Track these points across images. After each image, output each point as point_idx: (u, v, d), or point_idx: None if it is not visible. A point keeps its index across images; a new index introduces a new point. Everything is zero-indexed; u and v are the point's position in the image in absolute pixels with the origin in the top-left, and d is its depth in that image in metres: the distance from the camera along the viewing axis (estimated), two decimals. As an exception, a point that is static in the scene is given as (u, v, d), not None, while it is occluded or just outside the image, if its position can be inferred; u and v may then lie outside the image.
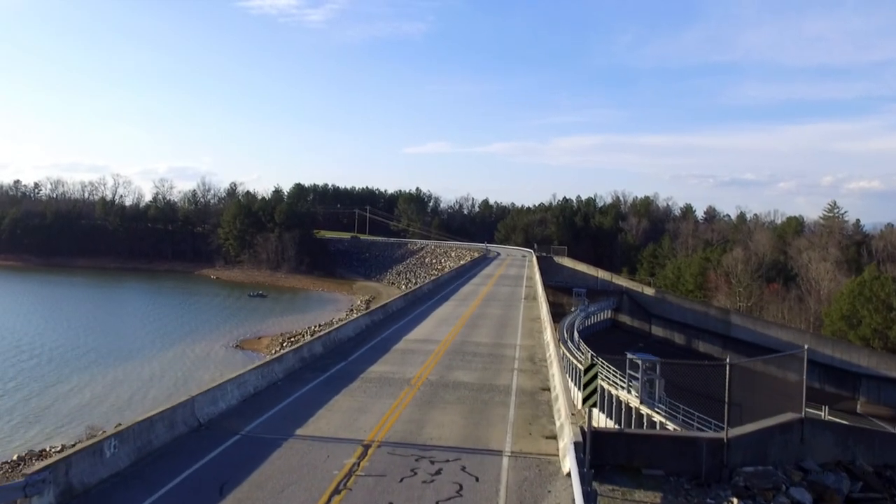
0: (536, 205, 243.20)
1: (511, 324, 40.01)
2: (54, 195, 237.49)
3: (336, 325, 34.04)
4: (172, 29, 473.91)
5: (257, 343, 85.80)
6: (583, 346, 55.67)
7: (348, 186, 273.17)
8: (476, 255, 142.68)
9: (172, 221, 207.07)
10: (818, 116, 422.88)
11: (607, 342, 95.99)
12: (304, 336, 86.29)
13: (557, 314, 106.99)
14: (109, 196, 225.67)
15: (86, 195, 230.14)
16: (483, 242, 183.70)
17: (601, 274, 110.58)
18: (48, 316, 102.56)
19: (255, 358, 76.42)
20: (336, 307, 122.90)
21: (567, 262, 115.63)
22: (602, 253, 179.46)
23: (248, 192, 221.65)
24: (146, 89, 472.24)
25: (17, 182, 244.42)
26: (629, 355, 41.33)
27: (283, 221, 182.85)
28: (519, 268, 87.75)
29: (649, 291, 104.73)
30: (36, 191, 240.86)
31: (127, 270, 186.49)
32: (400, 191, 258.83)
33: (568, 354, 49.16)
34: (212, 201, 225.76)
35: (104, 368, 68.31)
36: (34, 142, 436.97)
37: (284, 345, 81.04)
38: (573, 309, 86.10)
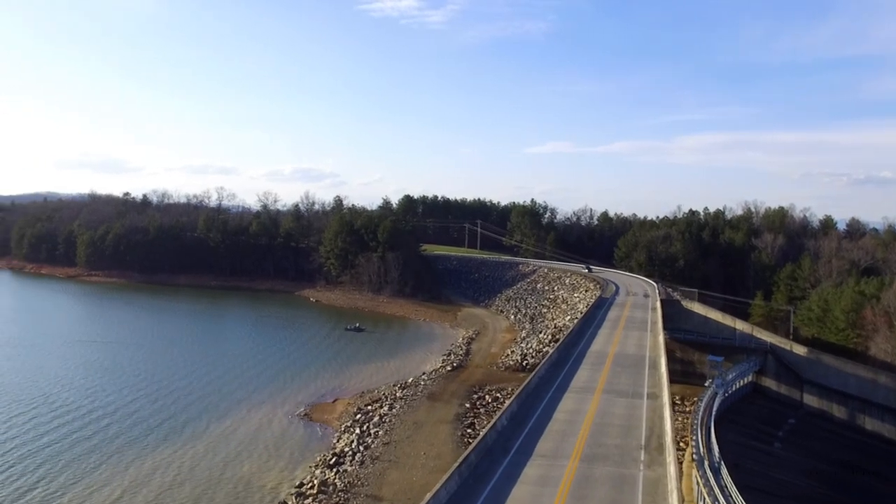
0: (660, 217, 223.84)
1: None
2: (163, 203, 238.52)
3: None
4: (298, 34, 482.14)
5: (330, 410, 74.33)
6: (724, 473, 40.02)
7: (459, 198, 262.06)
8: (591, 288, 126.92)
9: (275, 237, 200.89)
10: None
11: (748, 416, 78.76)
12: (382, 400, 74.18)
13: (686, 373, 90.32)
14: (213, 209, 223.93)
15: (192, 205, 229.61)
16: (599, 266, 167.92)
17: (740, 325, 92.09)
18: (120, 361, 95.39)
19: (315, 437, 65.06)
20: (432, 348, 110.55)
21: (698, 307, 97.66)
22: (733, 273, 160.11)
23: (352, 207, 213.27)
24: (274, 93, 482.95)
25: (126, 194, 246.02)
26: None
27: (386, 240, 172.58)
28: (640, 330, 71.78)
29: (800, 350, 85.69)
30: (145, 203, 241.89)
31: (227, 289, 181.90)
32: (514, 203, 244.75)
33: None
34: (319, 211, 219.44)
35: (131, 454, 59.04)
36: (168, 145, 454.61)
37: (357, 417, 69.16)
38: (707, 382, 69.51)
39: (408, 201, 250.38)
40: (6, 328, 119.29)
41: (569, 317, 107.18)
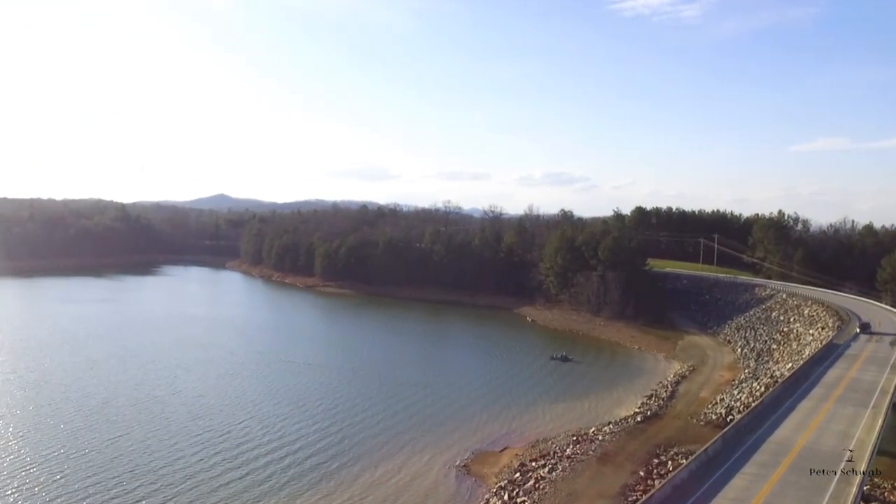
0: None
1: None
2: (399, 209, 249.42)
3: None
4: (550, 38, 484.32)
5: (493, 461, 70.14)
6: None
7: (696, 210, 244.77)
8: (830, 325, 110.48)
9: (497, 251, 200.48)
10: None
11: None
12: (549, 456, 68.47)
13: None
14: (440, 221, 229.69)
15: (422, 216, 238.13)
16: (854, 292, 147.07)
17: None
18: (317, 387, 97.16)
19: (463, 496, 61.10)
20: (636, 386, 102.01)
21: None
22: None
23: (576, 222, 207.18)
24: (525, 98, 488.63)
25: (363, 207, 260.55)
26: None
27: (606, 258, 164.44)
28: (859, 405, 55.25)
29: None
30: (379, 215, 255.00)
31: (449, 303, 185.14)
32: (757, 214, 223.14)
33: None
34: (544, 224, 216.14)
35: (297, 495, 59.02)
36: (426, 153, 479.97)
37: (515, 476, 64.19)
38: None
39: (640, 214, 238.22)
40: (231, 342, 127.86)
41: (790, 364, 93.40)
